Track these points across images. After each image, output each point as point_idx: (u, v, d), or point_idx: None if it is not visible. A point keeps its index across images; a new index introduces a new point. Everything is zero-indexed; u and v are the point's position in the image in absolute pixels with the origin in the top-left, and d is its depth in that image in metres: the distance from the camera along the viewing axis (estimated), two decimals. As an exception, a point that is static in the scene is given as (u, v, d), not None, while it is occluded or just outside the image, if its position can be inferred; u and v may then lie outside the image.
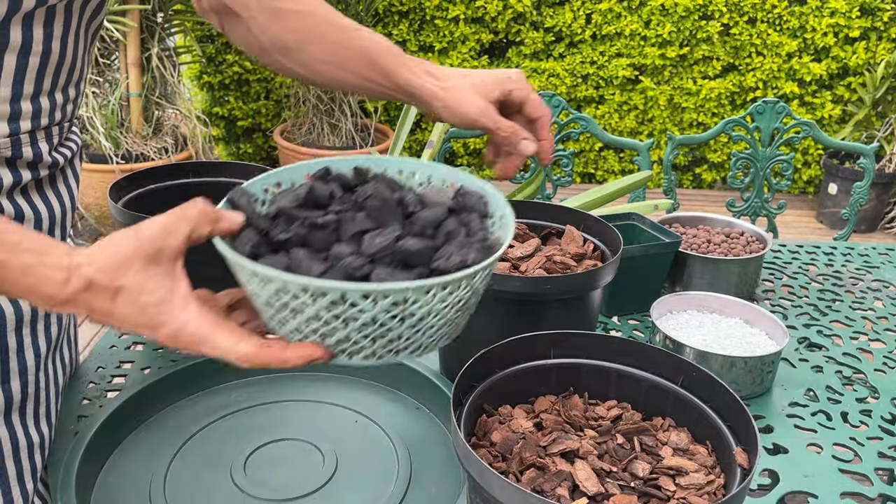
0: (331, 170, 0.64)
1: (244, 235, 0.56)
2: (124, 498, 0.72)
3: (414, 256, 0.55)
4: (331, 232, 0.57)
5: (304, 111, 3.48)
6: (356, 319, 0.52)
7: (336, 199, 0.61)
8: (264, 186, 0.62)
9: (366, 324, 0.52)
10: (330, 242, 0.56)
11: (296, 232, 0.57)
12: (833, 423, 0.91)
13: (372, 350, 0.55)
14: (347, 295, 0.50)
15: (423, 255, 0.55)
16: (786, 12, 3.52)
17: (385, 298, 0.51)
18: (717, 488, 0.62)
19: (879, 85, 3.41)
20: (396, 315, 0.52)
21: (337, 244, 0.56)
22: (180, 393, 0.85)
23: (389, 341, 0.54)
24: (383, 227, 0.57)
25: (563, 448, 0.63)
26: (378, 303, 0.51)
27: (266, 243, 0.57)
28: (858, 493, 0.80)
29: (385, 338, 0.54)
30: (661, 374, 0.71)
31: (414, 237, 0.56)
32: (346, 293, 0.50)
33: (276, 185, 0.63)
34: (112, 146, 2.89)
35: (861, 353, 1.06)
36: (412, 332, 0.54)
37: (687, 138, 1.72)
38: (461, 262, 0.54)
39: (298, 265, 0.54)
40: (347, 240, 0.56)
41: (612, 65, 3.66)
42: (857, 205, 1.71)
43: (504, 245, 0.57)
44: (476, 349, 0.69)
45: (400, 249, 0.55)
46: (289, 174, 0.64)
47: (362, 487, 0.74)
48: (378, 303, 0.51)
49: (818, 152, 3.74)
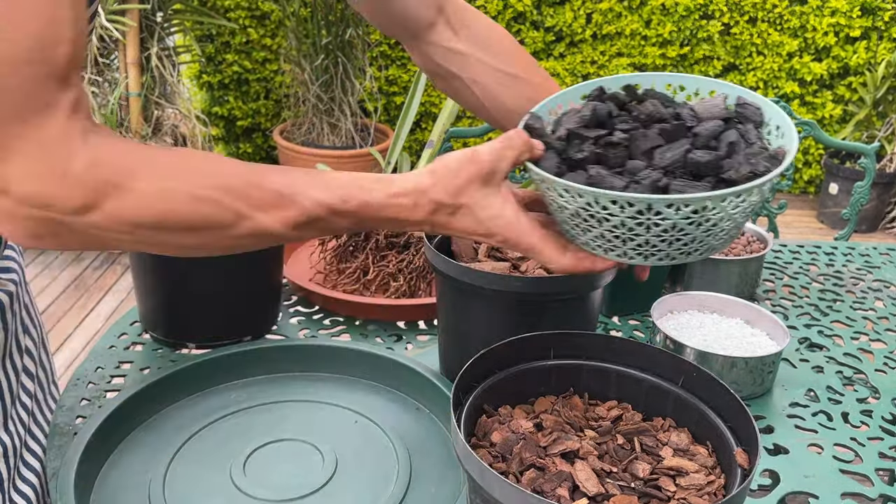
0: (604, 89, 0.71)
1: (547, 157, 0.64)
2: (124, 498, 0.72)
3: (703, 167, 0.61)
4: (622, 148, 0.63)
5: (303, 111, 3.48)
6: (658, 226, 0.59)
7: (615, 117, 0.67)
8: (548, 110, 0.71)
9: (666, 230, 0.59)
10: (623, 158, 0.63)
11: (590, 150, 0.64)
12: (834, 423, 0.91)
13: (667, 252, 0.62)
14: (653, 205, 0.58)
15: (711, 165, 0.61)
16: (786, 12, 3.52)
17: (686, 207, 0.58)
18: (717, 489, 0.62)
19: (880, 84, 3.41)
20: (693, 221, 0.59)
21: (629, 160, 0.63)
22: (180, 393, 0.85)
23: (684, 244, 0.61)
24: (671, 141, 0.63)
25: (563, 448, 0.63)
26: (680, 211, 0.58)
27: (565, 161, 0.65)
28: (859, 494, 0.80)
29: (680, 241, 0.61)
30: (661, 375, 0.71)
31: (700, 149, 0.62)
32: (651, 203, 0.58)
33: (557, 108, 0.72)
34: (112, 146, 2.89)
35: (862, 353, 1.06)
36: (705, 236, 0.61)
37: (687, 138, 1.71)
38: (752, 172, 0.60)
39: (602, 180, 0.61)
40: (640, 155, 0.63)
41: (612, 64, 3.66)
42: (858, 205, 1.71)
43: (790, 154, 0.61)
44: (476, 349, 0.68)
45: (691, 161, 0.61)
46: (567, 96, 0.72)
47: (362, 487, 0.74)
48: (680, 211, 0.58)
49: (819, 152, 3.74)
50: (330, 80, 3.34)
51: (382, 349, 0.92)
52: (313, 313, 1.10)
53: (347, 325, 1.07)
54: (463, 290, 0.81)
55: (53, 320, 2.64)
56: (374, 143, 3.43)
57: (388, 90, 3.82)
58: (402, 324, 1.08)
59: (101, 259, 3.04)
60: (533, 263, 0.87)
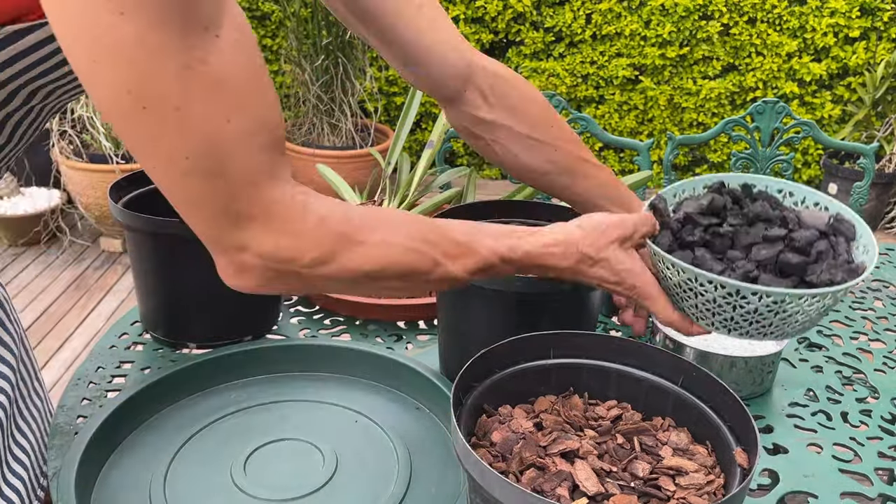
0: (725, 184, 0.82)
1: (663, 235, 0.76)
2: (124, 498, 0.72)
3: (791, 268, 0.72)
4: (727, 239, 0.75)
5: (304, 111, 3.48)
6: (742, 308, 0.69)
7: (728, 209, 0.78)
8: (674, 193, 0.82)
9: (749, 312, 0.69)
10: (726, 247, 0.75)
11: (700, 236, 0.75)
12: (833, 423, 0.91)
13: (746, 330, 0.71)
14: (741, 291, 0.68)
15: (798, 267, 0.72)
16: (786, 12, 3.52)
17: (767, 297, 0.68)
18: (716, 488, 0.62)
19: (879, 85, 3.41)
20: (773, 310, 0.69)
21: (731, 249, 0.74)
22: (180, 393, 0.85)
23: (762, 326, 0.71)
24: (768, 241, 0.74)
25: (563, 448, 0.63)
26: (762, 299, 0.68)
27: (677, 241, 0.76)
28: (858, 493, 0.80)
29: (759, 323, 0.70)
30: (661, 375, 0.71)
31: (792, 251, 0.73)
32: (740, 289, 0.68)
33: (682, 191, 0.82)
34: (112, 146, 2.89)
35: (861, 353, 1.06)
36: (781, 323, 0.70)
37: (687, 138, 1.72)
38: (830, 280, 0.70)
39: (704, 262, 0.72)
40: (741, 248, 0.74)
41: (612, 65, 3.66)
42: (857, 205, 1.71)
43: (867, 270, 0.71)
44: (476, 349, 0.69)
45: (782, 260, 0.72)
46: (692, 185, 0.83)
47: (362, 487, 0.74)
48: (762, 299, 0.68)
49: (818, 152, 3.74)
50: (330, 80, 3.34)
51: (382, 349, 0.92)
52: (313, 313, 1.10)
53: (348, 324, 1.07)
54: (463, 289, 0.82)
55: (54, 320, 2.65)
56: (375, 144, 3.42)
57: (388, 90, 3.82)
58: (403, 324, 1.08)
59: (102, 259, 3.04)
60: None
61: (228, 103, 0.54)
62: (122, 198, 0.99)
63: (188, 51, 0.51)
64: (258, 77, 0.56)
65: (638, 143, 1.72)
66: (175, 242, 0.92)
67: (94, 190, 2.89)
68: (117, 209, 0.94)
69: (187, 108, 0.52)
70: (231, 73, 0.53)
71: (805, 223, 0.77)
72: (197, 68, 0.52)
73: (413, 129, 3.79)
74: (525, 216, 0.97)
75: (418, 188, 1.40)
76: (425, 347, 1.02)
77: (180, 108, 0.52)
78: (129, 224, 0.92)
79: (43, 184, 3.17)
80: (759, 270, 0.72)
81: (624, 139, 1.73)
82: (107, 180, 2.76)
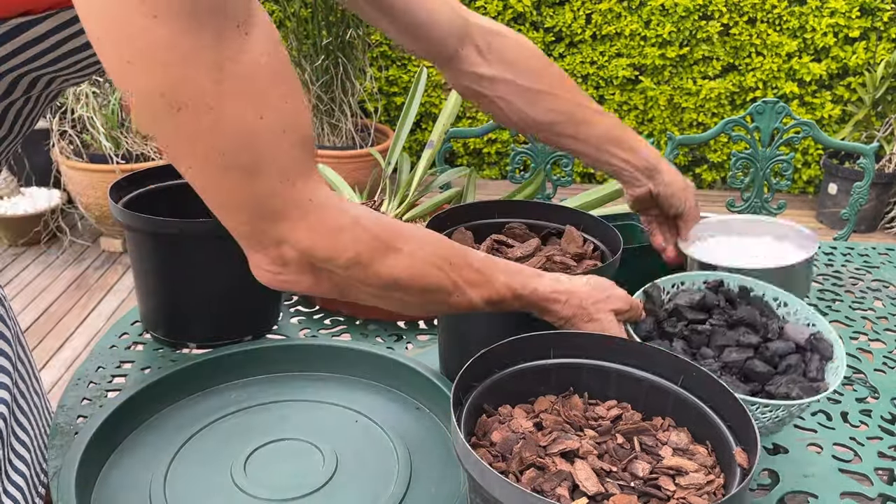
0: (724, 283, 0.87)
1: (646, 321, 0.82)
2: (124, 498, 0.72)
3: (755, 375, 0.77)
4: (705, 337, 0.81)
5: (304, 111, 3.47)
6: None
7: (718, 308, 0.83)
8: (673, 283, 0.87)
9: None
10: (702, 344, 0.81)
11: (680, 329, 0.81)
12: (833, 422, 0.91)
13: None
14: None
15: (762, 376, 0.76)
16: (785, 12, 3.52)
17: None
18: (716, 488, 0.62)
19: (879, 85, 3.41)
20: None
21: (706, 347, 0.80)
22: (180, 393, 0.86)
23: None
24: (741, 346, 0.79)
25: (562, 448, 0.63)
26: None
27: (658, 329, 0.82)
28: (858, 493, 0.80)
29: None
30: (660, 374, 0.71)
31: (761, 360, 0.77)
32: None
33: (680, 283, 0.88)
34: (112, 146, 2.89)
35: (861, 353, 1.06)
36: None
37: (687, 138, 1.72)
38: (786, 394, 0.74)
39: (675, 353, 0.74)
40: (714, 347, 0.80)
41: (612, 65, 3.67)
42: (857, 205, 1.71)
43: (828, 391, 0.74)
44: (476, 349, 0.69)
45: (747, 367, 0.77)
46: (692, 278, 0.88)
47: (362, 487, 0.74)
48: None
49: (818, 152, 3.74)
50: (330, 80, 3.34)
51: (383, 349, 0.92)
52: (314, 313, 1.10)
53: (348, 324, 1.07)
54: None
55: (55, 320, 2.65)
56: (375, 144, 3.43)
57: (388, 90, 3.82)
58: (403, 323, 1.08)
59: (103, 259, 3.05)
60: (533, 263, 0.87)
61: (260, 100, 0.54)
62: (122, 198, 0.99)
63: (220, 50, 0.51)
64: (286, 73, 0.56)
65: (638, 143, 1.72)
66: (175, 242, 0.92)
67: (95, 190, 2.89)
68: (117, 209, 0.94)
69: (221, 108, 0.52)
70: (261, 70, 0.54)
71: (786, 335, 0.81)
72: (229, 67, 0.52)
73: (413, 129, 3.79)
74: (525, 216, 0.97)
75: (418, 188, 1.40)
76: (425, 347, 1.02)
77: (214, 107, 0.52)
78: (130, 224, 0.92)
79: (43, 184, 3.17)
80: (723, 371, 0.77)
81: (624, 139, 1.73)
82: (107, 180, 2.76)
